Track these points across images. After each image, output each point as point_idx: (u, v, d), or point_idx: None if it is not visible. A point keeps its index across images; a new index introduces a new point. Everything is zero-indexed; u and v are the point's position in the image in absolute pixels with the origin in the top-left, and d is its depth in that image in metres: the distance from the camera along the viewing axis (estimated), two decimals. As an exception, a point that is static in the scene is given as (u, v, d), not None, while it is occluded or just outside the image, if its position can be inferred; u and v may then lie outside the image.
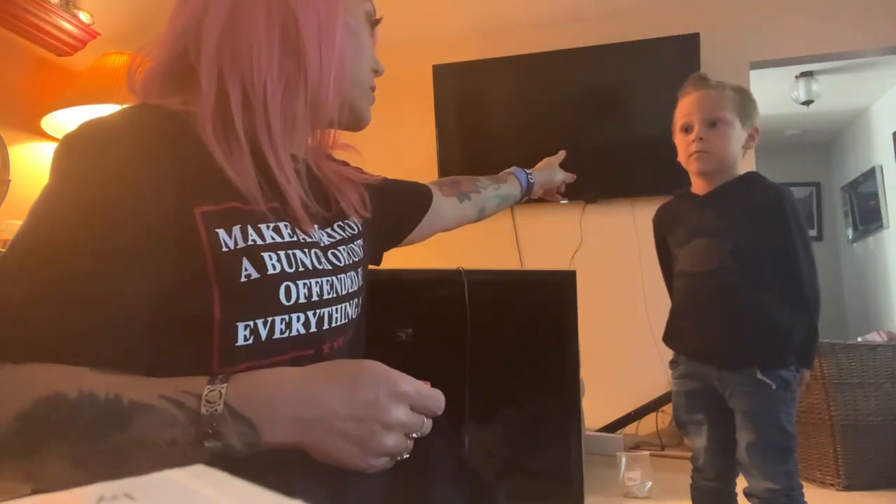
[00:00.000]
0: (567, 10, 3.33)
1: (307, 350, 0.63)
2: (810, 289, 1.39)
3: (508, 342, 1.90)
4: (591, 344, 2.31)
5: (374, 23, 0.79)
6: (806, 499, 1.34)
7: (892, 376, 2.44)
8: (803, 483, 1.35)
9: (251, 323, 0.57)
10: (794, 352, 1.38)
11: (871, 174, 4.64)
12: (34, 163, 2.02)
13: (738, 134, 1.44)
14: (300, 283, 0.63)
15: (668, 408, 2.87)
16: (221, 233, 0.58)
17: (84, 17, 2.10)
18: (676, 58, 3.11)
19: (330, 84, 0.67)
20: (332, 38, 0.67)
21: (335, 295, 0.68)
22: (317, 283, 0.65)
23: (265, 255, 0.61)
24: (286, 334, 0.60)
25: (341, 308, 0.69)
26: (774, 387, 1.33)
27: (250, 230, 0.61)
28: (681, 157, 1.50)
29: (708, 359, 1.44)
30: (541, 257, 3.36)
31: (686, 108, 1.48)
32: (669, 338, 1.54)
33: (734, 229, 1.41)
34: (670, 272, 1.57)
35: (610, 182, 3.26)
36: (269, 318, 0.59)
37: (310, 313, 0.63)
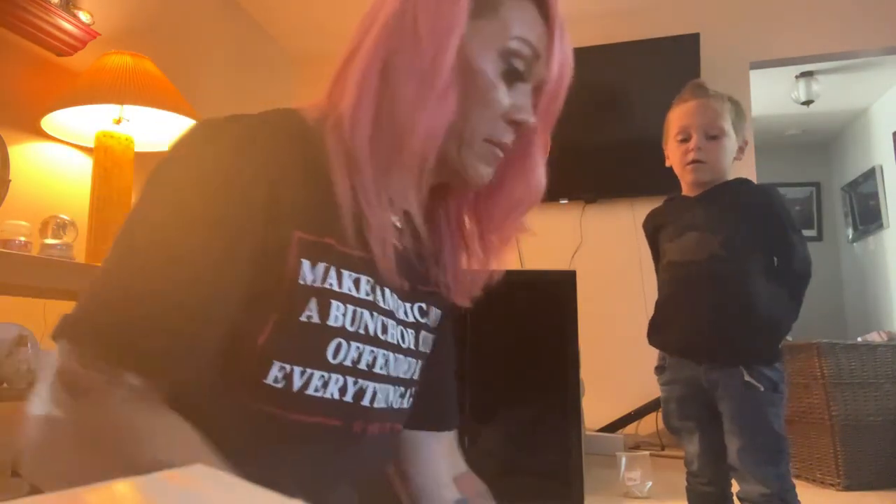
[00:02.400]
0: (567, 10, 3.30)
1: (335, 420, 0.58)
2: (802, 268, 1.40)
3: (508, 342, 1.91)
4: (591, 344, 2.31)
5: (512, 62, 0.63)
6: (806, 499, 1.34)
7: (892, 376, 2.44)
8: (803, 483, 1.35)
9: (287, 367, 0.54)
10: (779, 349, 1.39)
11: (871, 174, 4.64)
12: (34, 163, 2.02)
13: (733, 145, 1.45)
14: (354, 344, 0.58)
15: (668, 408, 2.87)
16: (306, 264, 0.56)
17: (84, 17, 2.10)
18: (676, 58, 3.12)
19: (416, 129, 0.59)
20: (433, 78, 0.59)
21: (385, 373, 0.63)
22: (371, 351, 0.60)
23: (334, 303, 0.57)
24: (319, 394, 0.56)
25: (386, 389, 0.63)
26: (763, 389, 1.33)
27: (332, 272, 0.57)
28: (674, 165, 1.50)
29: (694, 353, 1.42)
30: (541, 257, 3.35)
31: (684, 116, 1.46)
32: (653, 334, 1.53)
33: (725, 221, 1.42)
34: None
35: (610, 182, 3.27)
36: (309, 371, 0.55)
37: (350, 380, 0.58)
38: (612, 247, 3.24)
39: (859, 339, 2.76)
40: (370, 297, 0.61)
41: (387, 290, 0.63)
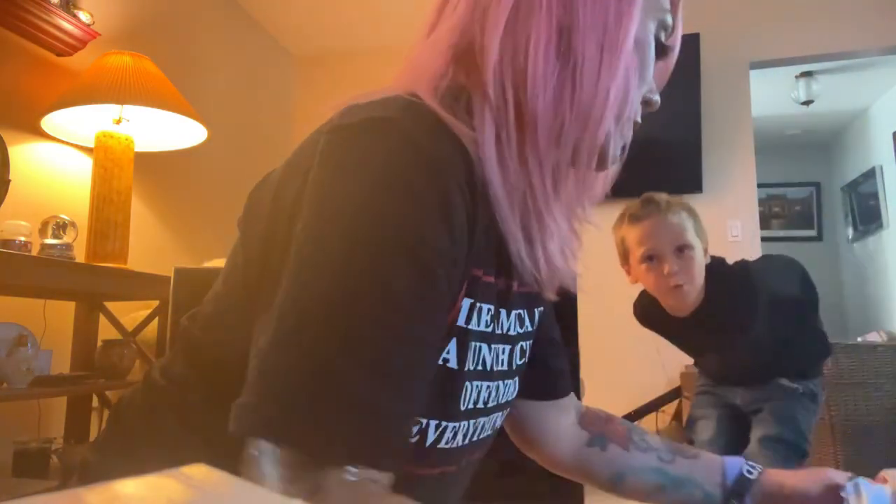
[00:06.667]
0: (567, 10, 3.33)
1: (452, 466, 0.52)
2: (807, 295, 1.47)
3: (508, 342, 1.90)
4: (591, 344, 2.31)
5: (664, 38, 0.56)
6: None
7: (892, 376, 2.44)
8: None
9: (423, 421, 0.47)
10: (814, 364, 1.49)
11: (871, 174, 4.64)
12: (34, 163, 2.02)
13: (701, 253, 1.37)
14: (475, 384, 0.51)
15: (669, 408, 2.87)
16: (466, 303, 0.47)
17: (84, 17, 2.10)
18: (676, 57, 3.11)
19: (604, 110, 0.48)
20: (617, 50, 0.48)
21: (496, 403, 0.55)
22: (487, 387, 0.53)
23: (472, 344, 0.49)
24: (448, 445, 0.49)
25: (493, 419, 0.56)
26: (801, 390, 1.40)
27: (476, 308, 0.49)
28: (650, 288, 1.42)
29: (736, 383, 1.53)
30: (541, 257, 3.35)
31: (645, 239, 1.38)
32: (696, 363, 1.67)
33: (735, 338, 1.43)
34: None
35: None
36: (443, 423, 0.48)
37: (471, 423, 0.52)
38: (612, 246, 3.23)
39: (859, 339, 2.76)
40: (490, 329, 0.52)
41: (502, 312, 0.54)
